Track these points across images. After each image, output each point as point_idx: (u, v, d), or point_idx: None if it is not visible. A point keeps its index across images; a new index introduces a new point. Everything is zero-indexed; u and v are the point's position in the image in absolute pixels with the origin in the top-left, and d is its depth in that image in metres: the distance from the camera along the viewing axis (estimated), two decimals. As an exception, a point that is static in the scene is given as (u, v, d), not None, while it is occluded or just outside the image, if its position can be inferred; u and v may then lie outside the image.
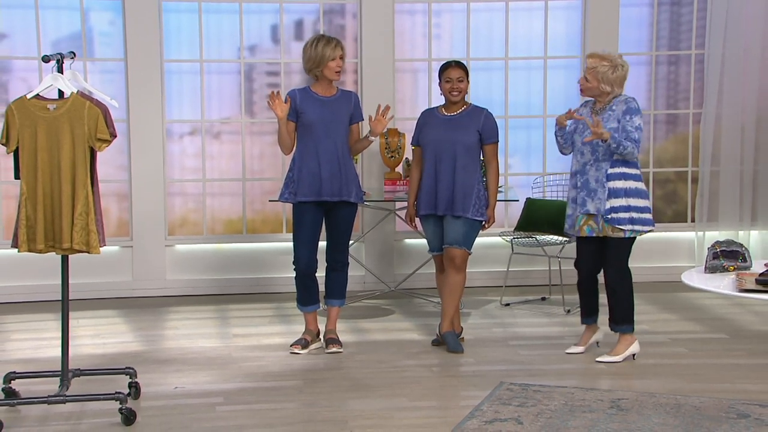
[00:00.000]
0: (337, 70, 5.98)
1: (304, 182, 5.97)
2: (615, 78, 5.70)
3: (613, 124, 5.67)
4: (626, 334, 5.83)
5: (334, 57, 5.95)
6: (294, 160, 6.05)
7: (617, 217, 5.66)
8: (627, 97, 5.74)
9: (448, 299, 6.12)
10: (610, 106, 5.73)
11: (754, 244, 8.11)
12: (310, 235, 6.03)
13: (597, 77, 5.71)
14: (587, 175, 5.75)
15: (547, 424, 4.72)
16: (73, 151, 4.73)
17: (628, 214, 5.66)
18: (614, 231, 5.69)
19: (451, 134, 6.05)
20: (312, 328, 6.21)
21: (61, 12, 7.73)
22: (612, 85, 5.70)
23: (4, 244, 7.49)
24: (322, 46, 5.95)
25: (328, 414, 4.97)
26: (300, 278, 6.10)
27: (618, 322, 5.82)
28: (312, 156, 5.96)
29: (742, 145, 8.09)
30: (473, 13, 8.06)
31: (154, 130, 7.75)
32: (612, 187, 5.66)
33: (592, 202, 5.73)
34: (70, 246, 4.76)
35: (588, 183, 5.75)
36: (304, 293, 6.13)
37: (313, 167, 5.96)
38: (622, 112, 5.67)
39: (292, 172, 6.04)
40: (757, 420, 4.77)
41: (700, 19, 8.12)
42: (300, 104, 5.97)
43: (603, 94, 5.75)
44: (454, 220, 6.05)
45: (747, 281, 5.19)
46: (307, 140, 5.98)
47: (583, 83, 5.77)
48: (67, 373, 4.93)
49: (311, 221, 6.02)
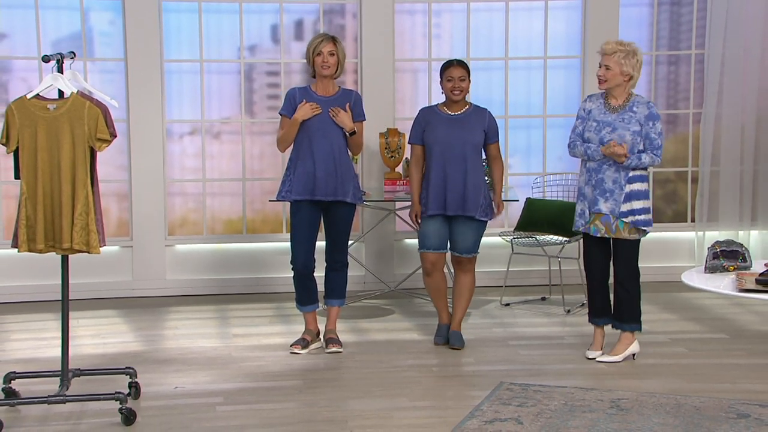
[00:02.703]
0: (322, 65, 5.96)
1: (300, 181, 5.97)
2: (635, 63, 5.64)
3: (635, 127, 5.63)
4: (627, 333, 5.83)
5: (319, 51, 5.94)
6: (291, 159, 6.06)
7: (639, 219, 5.66)
8: (649, 102, 5.71)
9: (460, 300, 6.24)
10: (630, 107, 5.67)
11: (754, 244, 8.11)
12: (307, 235, 6.03)
13: (620, 63, 5.62)
14: (603, 174, 5.70)
15: (547, 424, 4.72)
16: (73, 151, 4.73)
17: (641, 216, 5.67)
18: (631, 233, 5.68)
19: (459, 133, 6.07)
20: (312, 328, 6.21)
21: (61, 12, 7.73)
22: (632, 69, 5.63)
23: (4, 244, 7.49)
24: (312, 40, 5.98)
25: (328, 414, 4.98)
26: (298, 278, 6.10)
27: (627, 320, 5.80)
28: (307, 155, 5.96)
29: (742, 145, 8.09)
30: (473, 13, 8.06)
31: (154, 130, 7.75)
32: (631, 190, 5.65)
33: (606, 203, 5.70)
34: (70, 246, 4.76)
35: (603, 182, 5.71)
36: (302, 293, 6.13)
37: (308, 166, 5.96)
38: (645, 117, 5.64)
39: (289, 170, 6.05)
40: (757, 420, 4.77)
41: (700, 19, 8.12)
42: (298, 103, 5.98)
43: (621, 85, 5.67)
44: (465, 223, 6.09)
45: (747, 281, 5.19)
46: (303, 139, 5.98)
47: (604, 73, 5.66)
48: (67, 373, 4.93)
49: (307, 220, 6.02)
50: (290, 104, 5.99)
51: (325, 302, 6.26)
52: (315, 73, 6.03)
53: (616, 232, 5.70)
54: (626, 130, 5.63)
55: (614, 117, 5.68)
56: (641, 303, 5.83)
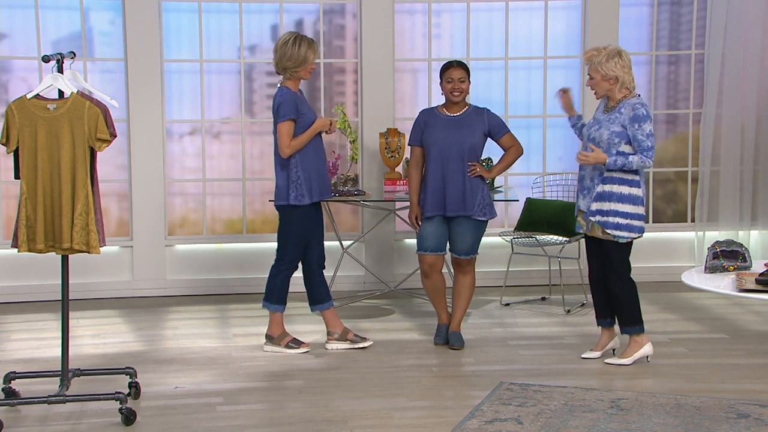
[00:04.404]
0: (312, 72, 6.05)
1: (315, 182, 6.05)
2: (615, 64, 5.58)
3: (616, 127, 5.57)
4: (637, 336, 5.79)
5: (314, 61, 5.97)
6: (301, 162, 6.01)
7: (603, 220, 5.62)
8: (636, 102, 5.60)
9: (460, 300, 6.25)
10: (618, 108, 5.62)
11: (754, 244, 8.11)
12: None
13: (598, 70, 5.60)
14: (585, 171, 5.73)
15: (547, 424, 4.72)
16: (73, 151, 4.73)
17: (614, 218, 5.60)
18: (603, 233, 5.66)
19: (458, 135, 6.07)
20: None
21: (61, 12, 7.73)
22: (615, 74, 5.58)
23: (4, 244, 7.49)
24: (305, 49, 5.93)
25: (328, 414, 4.98)
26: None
27: (625, 323, 5.77)
28: (321, 156, 6.07)
29: (742, 145, 8.09)
30: (473, 13, 8.06)
31: (154, 130, 7.75)
32: (603, 190, 5.62)
33: (584, 200, 5.73)
34: (70, 246, 4.76)
35: (584, 179, 5.74)
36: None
37: (321, 167, 6.07)
38: (629, 119, 5.56)
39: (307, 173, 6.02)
40: (757, 420, 4.77)
41: (700, 19, 8.11)
42: (300, 106, 5.98)
43: (612, 89, 5.63)
44: (464, 224, 6.09)
45: (747, 281, 5.20)
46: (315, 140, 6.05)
47: (589, 82, 5.68)
48: (67, 373, 4.93)
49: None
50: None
51: (324, 304, 6.26)
52: (291, 74, 6.04)
53: (591, 231, 5.70)
54: (607, 129, 5.62)
55: (605, 116, 5.68)
56: (639, 304, 5.78)
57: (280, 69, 6.00)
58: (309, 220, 6.05)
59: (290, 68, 5.95)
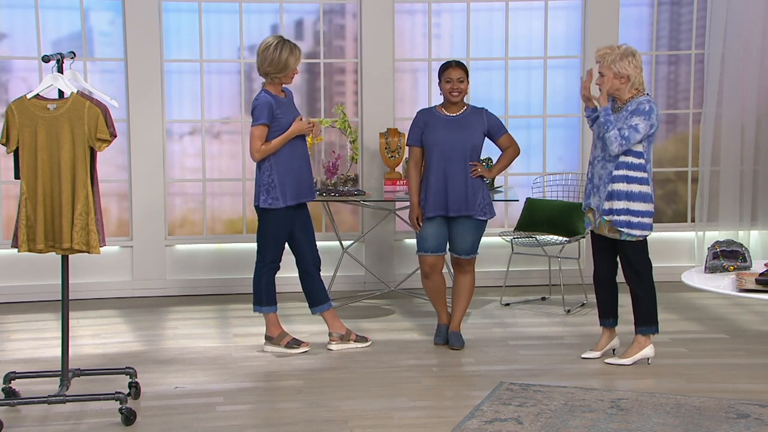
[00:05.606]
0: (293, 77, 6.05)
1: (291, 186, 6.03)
2: (629, 63, 5.58)
3: (620, 124, 5.60)
4: (641, 336, 5.77)
5: (296, 67, 5.95)
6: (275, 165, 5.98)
7: (617, 219, 5.63)
8: (643, 99, 5.60)
9: (460, 300, 6.25)
10: (626, 107, 5.62)
11: (754, 244, 8.10)
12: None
13: (611, 67, 5.58)
14: (595, 169, 5.73)
15: (547, 424, 4.72)
16: (73, 151, 4.74)
17: (627, 217, 5.62)
18: (611, 231, 5.67)
19: (459, 135, 6.07)
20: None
21: (61, 12, 7.73)
22: (628, 73, 5.57)
23: (4, 244, 7.48)
24: (287, 55, 5.89)
25: (328, 414, 4.98)
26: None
27: (639, 322, 5.76)
28: (300, 159, 6.04)
29: (742, 145, 8.09)
30: (473, 13, 8.05)
31: (154, 130, 7.75)
32: (614, 189, 5.63)
33: (594, 197, 5.73)
34: (70, 246, 4.76)
35: (593, 178, 5.74)
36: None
37: (300, 170, 6.05)
38: (630, 113, 5.58)
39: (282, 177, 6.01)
40: (757, 420, 4.77)
41: (700, 19, 8.11)
42: (276, 110, 5.94)
43: (622, 88, 5.61)
44: (464, 223, 6.09)
45: (747, 281, 5.20)
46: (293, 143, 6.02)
47: (600, 81, 5.64)
48: (67, 373, 4.93)
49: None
50: (269, 112, 5.99)
51: (323, 306, 6.26)
52: (273, 79, 6.00)
53: (599, 228, 5.71)
54: (615, 128, 5.61)
55: (614, 117, 5.67)
56: (656, 305, 5.74)
57: (261, 73, 5.98)
58: (285, 223, 6.01)
59: (271, 73, 5.93)
